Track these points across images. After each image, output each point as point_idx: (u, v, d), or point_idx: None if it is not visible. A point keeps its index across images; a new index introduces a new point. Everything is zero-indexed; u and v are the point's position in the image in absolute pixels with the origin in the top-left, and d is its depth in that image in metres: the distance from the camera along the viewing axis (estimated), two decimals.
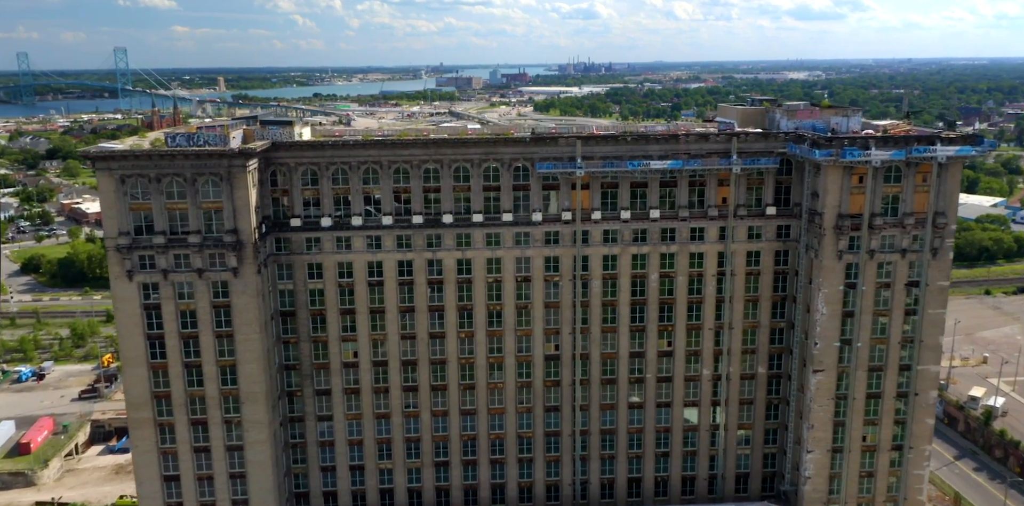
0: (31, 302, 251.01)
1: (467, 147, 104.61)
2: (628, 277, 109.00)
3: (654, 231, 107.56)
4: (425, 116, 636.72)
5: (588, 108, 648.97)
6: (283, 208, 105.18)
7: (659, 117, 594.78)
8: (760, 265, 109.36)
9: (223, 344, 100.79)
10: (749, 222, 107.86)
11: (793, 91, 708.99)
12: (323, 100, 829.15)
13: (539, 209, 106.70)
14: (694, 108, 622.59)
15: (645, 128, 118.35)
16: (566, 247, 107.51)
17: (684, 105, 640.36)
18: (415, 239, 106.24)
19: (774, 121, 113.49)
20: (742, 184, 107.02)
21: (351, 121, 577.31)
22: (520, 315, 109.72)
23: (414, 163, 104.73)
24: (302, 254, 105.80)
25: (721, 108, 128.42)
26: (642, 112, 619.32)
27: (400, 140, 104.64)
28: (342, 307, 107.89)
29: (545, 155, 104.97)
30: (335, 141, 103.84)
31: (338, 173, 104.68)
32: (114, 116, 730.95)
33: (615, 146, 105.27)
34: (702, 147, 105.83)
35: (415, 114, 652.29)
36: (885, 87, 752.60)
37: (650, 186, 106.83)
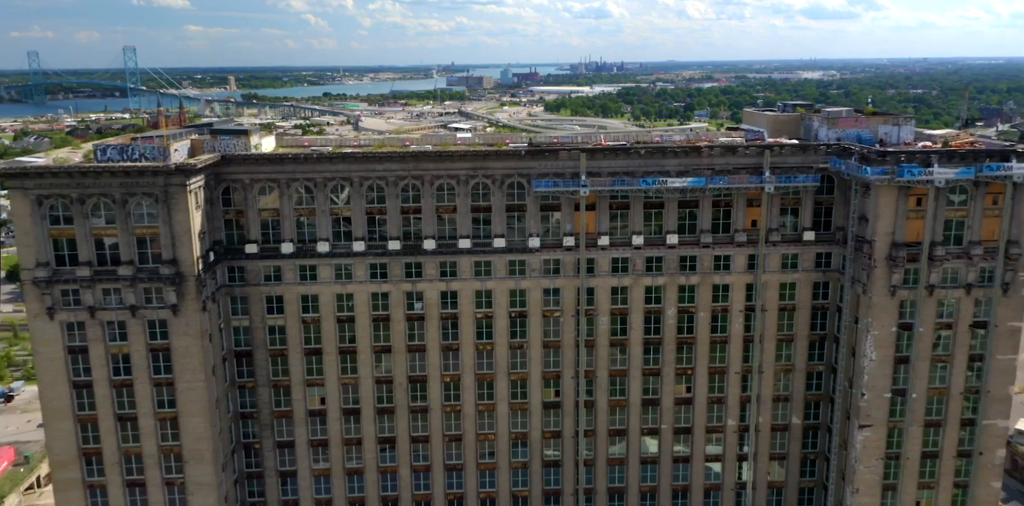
0: (11, 313, 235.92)
1: (452, 161, 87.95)
2: (641, 313, 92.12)
3: (671, 259, 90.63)
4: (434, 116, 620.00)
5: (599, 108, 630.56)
6: (237, 232, 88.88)
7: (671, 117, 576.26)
8: (796, 299, 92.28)
9: (163, 393, 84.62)
10: (783, 249, 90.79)
11: (808, 91, 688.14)
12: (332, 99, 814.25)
13: (537, 233, 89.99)
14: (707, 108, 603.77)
15: (660, 137, 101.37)
16: (568, 278, 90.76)
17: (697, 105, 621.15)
18: (391, 268, 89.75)
19: (811, 130, 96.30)
20: (775, 205, 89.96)
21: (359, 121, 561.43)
22: (514, 356, 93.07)
23: (390, 180, 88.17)
24: (259, 285, 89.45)
25: (747, 114, 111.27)
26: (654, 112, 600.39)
27: (373, 153, 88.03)
28: (307, 346, 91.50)
29: (543, 170, 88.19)
30: (296, 154, 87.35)
31: (302, 191, 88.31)
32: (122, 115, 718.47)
33: (626, 160, 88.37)
34: (728, 161, 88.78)
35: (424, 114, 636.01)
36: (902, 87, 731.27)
37: (667, 207, 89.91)
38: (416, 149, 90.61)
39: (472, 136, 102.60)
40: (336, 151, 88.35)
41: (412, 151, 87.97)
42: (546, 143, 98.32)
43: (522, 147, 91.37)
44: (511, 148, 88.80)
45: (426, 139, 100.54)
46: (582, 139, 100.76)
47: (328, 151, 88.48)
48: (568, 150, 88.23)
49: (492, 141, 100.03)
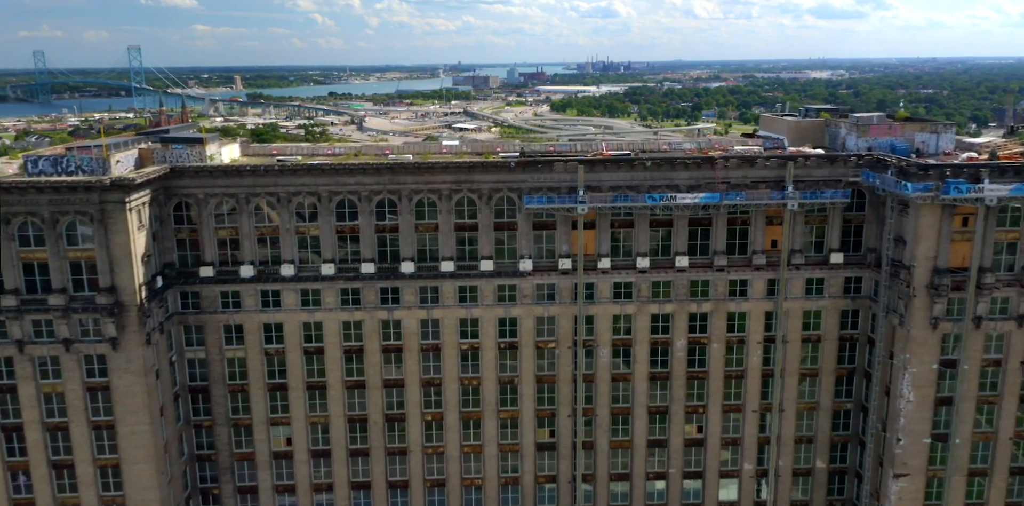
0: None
1: (433, 174, 77.11)
2: (646, 344, 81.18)
3: (681, 284, 79.64)
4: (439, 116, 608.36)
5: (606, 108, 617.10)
6: (192, 253, 78.28)
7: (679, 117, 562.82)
8: (821, 329, 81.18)
9: (103, 437, 74.12)
10: (807, 273, 79.72)
11: (817, 90, 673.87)
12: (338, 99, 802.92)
13: (528, 255, 79.12)
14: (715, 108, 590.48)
15: (669, 145, 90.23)
16: (564, 305, 79.87)
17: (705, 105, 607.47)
18: (365, 293, 79.03)
19: (837, 138, 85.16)
20: (799, 223, 78.86)
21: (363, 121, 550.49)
22: (504, 392, 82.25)
23: (363, 194, 77.39)
24: (216, 313, 78.82)
25: (765, 119, 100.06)
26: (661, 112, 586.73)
27: (343, 165, 77.16)
28: (270, 381, 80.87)
29: (536, 184, 77.29)
30: (255, 166, 76.53)
31: (264, 207, 77.65)
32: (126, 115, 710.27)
33: (629, 172, 77.37)
34: (746, 174, 77.70)
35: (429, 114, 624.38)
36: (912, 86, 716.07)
37: (676, 225, 78.93)
38: (393, 160, 79.71)
39: (460, 144, 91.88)
40: (301, 163, 77.52)
41: (387, 163, 77.11)
42: (541, 151, 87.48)
43: (512, 158, 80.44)
44: (499, 160, 77.90)
45: (407, 147, 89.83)
46: (581, 147, 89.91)
47: (292, 162, 77.66)
48: (564, 161, 77.27)
49: (481, 149, 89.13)
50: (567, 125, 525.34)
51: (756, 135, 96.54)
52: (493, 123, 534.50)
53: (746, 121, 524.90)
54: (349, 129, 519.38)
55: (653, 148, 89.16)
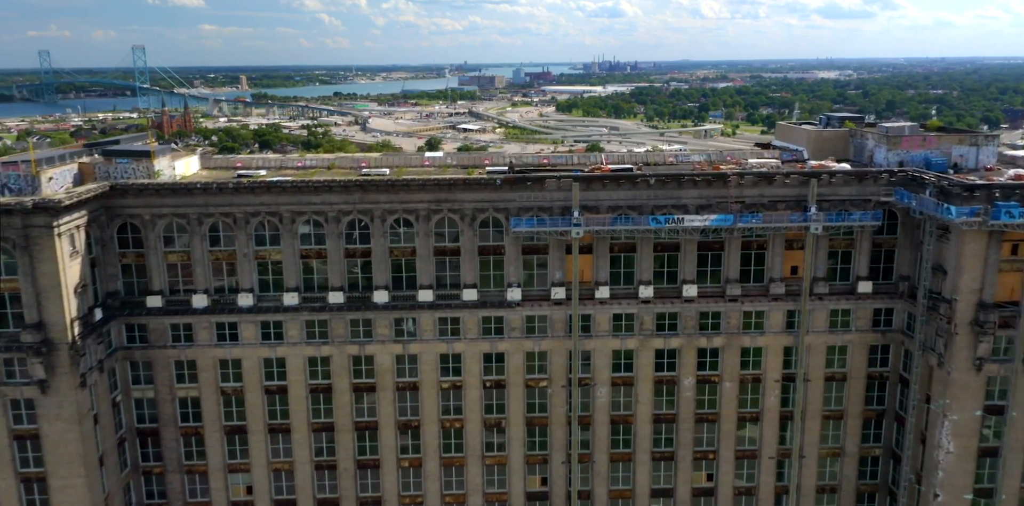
0: None
1: (409, 192, 67.78)
2: (650, 382, 71.75)
3: (689, 316, 70.17)
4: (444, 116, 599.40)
5: (612, 108, 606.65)
6: (138, 280, 69.16)
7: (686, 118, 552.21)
8: (847, 366, 71.63)
9: (32, 491, 65.05)
10: (832, 303, 70.17)
11: (825, 91, 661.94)
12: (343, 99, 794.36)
13: (517, 283, 69.78)
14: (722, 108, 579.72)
15: (676, 158, 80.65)
16: (558, 339, 70.48)
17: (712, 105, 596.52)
18: (333, 326, 69.79)
19: (864, 150, 75.56)
20: (822, 248, 69.31)
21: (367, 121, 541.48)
22: (490, 436, 72.93)
23: (330, 215, 68.13)
24: (166, 348, 69.68)
25: (782, 128, 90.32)
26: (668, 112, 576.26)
27: (306, 182, 67.80)
28: (227, 423, 71.69)
29: (526, 203, 67.92)
30: (206, 184, 67.26)
31: (219, 229, 68.45)
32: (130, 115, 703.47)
33: (631, 190, 67.93)
34: (763, 193, 68.18)
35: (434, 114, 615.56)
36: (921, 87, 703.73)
37: (684, 250, 69.47)
38: (364, 175, 70.34)
39: (443, 156, 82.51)
40: (260, 179, 68.09)
41: (357, 180, 67.70)
42: (533, 164, 78.03)
43: (499, 171, 71.03)
44: (483, 176, 68.41)
45: (385, 160, 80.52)
46: (578, 159, 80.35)
47: (252, 178, 68.26)
48: (556, 178, 67.80)
49: (467, 162, 79.68)
50: (572, 126, 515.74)
51: (772, 146, 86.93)
52: (498, 124, 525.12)
53: (754, 122, 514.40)
54: (353, 130, 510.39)
55: (658, 161, 79.63)
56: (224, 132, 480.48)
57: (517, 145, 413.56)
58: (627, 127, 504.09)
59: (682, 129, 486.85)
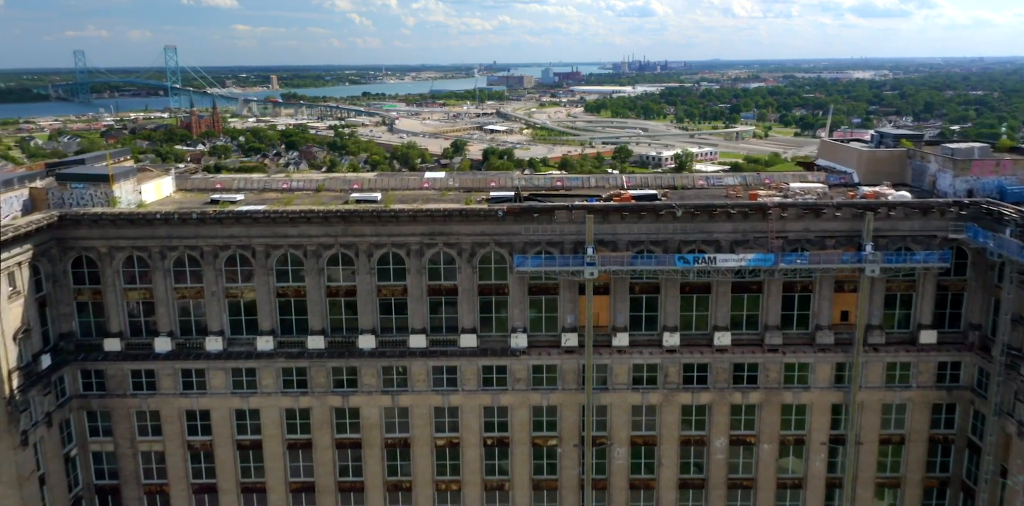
0: None
1: (397, 224, 58.69)
2: (675, 443, 62.05)
3: (721, 367, 60.35)
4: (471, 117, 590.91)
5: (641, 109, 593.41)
6: (95, 320, 60.85)
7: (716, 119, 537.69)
8: (906, 428, 61.39)
9: None
10: (889, 355, 59.99)
11: (860, 91, 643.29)
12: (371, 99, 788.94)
13: (523, 327, 60.44)
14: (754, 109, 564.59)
15: (706, 181, 70.70)
16: (569, 392, 61.04)
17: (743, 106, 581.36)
18: (313, 375, 60.95)
19: (924, 174, 65.23)
20: (878, 291, 59.16)
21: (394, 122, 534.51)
22: (492, 500, 63.62)
23: (310, 249, 59.24)
24: (126, 396, 61.28)
25: (826, 145, 79.84)
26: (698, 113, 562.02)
27: (282, 213, 58.86)
28: (196, 481, 63.14)
29: (532, 237, 58.54)
30: (168, 214, 58.58)
31: (184, 264, 59.89)
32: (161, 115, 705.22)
33: (654, 223, 58.26)
34: (808, 227, 58.17)
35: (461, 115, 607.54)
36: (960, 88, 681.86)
37: (716, 291, 59.68)
38: (345, 208, 61.14)
39: (445, 177, 73.26)
40: (226, 210, 59.19)
41: (338, 210, 58.61)
42: (545, 186, 68.81)
43: (503, 199, 61.66)
44: (483, 207, 58.96)
45: (380, 181, 71.55)
46: (596, 182, 70.82)
47: (216, 209, 59.34)
48: (568, 209, 58.28)
49: (471, 184, 70.40)
50: (601, 127, 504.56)
51: (815, 165, 76.78)
52: (525, 125, 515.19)
53: (787, 123, 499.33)
54: (379, 130, 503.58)
55: (687, 184, 69.84)
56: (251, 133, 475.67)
57: (544, 146, 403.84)
58: (656, 128, 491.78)
59: (713, 130, 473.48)
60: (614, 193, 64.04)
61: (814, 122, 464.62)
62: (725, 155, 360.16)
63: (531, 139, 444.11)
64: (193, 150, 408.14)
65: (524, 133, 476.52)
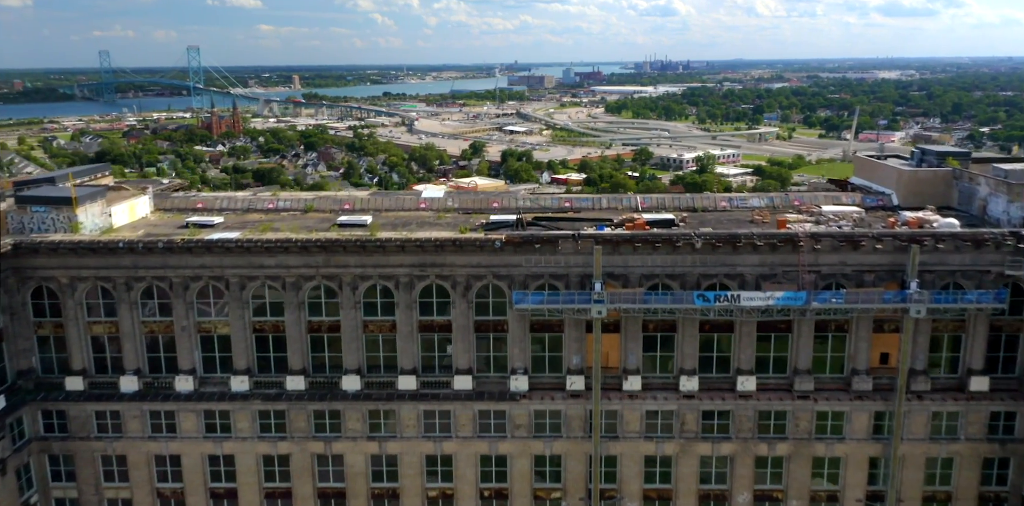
0: None
1: (384, 255, 52.68)
2: (693, 497, 55.58)
3: (745, 415, 53.85)
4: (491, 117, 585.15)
5: (662, 110, 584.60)
6: (57, 356, 55.42)
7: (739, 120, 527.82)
8: (952, 484, 54.58)
9: None
10: (935, 404, 53.22)
11: (886, 92, 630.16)
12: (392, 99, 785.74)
13: (523, 369, 54.28)
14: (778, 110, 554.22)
15: (729, 203, 64.01)
16: (575, 440, 54.78)
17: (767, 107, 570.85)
18: (293, 418, 55.12)
19: (973, 198, 58.28)
20: (923, 331, 52.39)
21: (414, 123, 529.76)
22: None
23: (288, 281, 53.42)
24: (90, 439, 55.82)
25: (861, 162, 72.72)
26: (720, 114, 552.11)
27: (257, 242, 52.93)
28: None
29: (534, 269, 52.36)
30: (132, 243, 52.87)
31: (152, 296, 54.29)
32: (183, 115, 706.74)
33: (670, 255, 51.85)
34: (844, 260, 51.53)
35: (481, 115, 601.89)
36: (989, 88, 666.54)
37: (739, 331, 53.17)
38: (332, 230, 55.21)
39: (444, 196, 67.19)
40: (194, 238, 53.32)
41: (318, 240, 52.65)
42: (552, 207, 62.57)
43: (503, 224, 55.43)
44: (478, 237, 52.69)
45: (374, 201, 65.69)
46: (607, 203, 64.30)
47: (183, 238, 53.54)
48: (574, 238, 51.98)
49: (471, 205, 64.23)
50: (622, 128, 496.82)
51: (849, 184, 69.90)
52: (545, 125, 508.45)
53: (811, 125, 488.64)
54: (399, 131, 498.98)
55: (707, 205, 63.20)
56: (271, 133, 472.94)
57: (564, 148, 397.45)
58: (678, 129, 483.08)
59: (735, 132, 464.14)
60: (627, 218, 57.56)
61: (839, 123, 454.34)
62: (748, 157, 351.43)
63: (551, 140, 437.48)
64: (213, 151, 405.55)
65: (544, 134, 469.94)
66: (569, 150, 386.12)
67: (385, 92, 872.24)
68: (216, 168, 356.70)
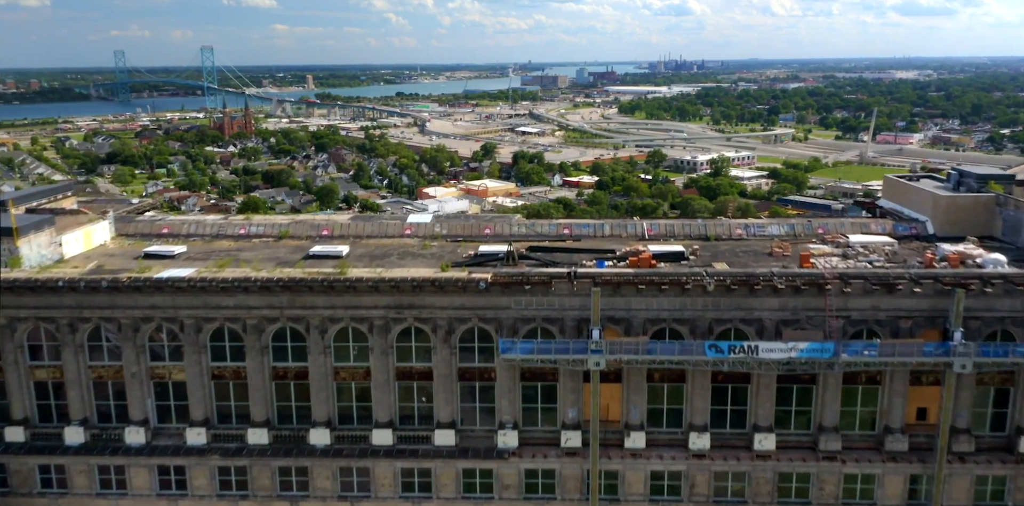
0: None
1: (356, 295, 46.57)
2: None
3: (762, 478, 47.40)
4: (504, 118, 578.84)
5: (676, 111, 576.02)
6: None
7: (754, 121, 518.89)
8: None
9: None
10: (979, 467, 46.62)
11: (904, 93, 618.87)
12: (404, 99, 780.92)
13: (513, 422, 48.08)
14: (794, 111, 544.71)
15: (745, 231, 57.50)
16: (570, 503, 48.53)
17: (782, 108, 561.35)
18: (255, 475, 49.13)
19: (1020, 227, 51.59)
20: (967, 385, 45.78)
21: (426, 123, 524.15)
22: None
23: (250, 323, 47.42)
24: (32, 496, 50.11)
25: (892, 185, 65.76)
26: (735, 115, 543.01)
27: (214, 281, 46.90)
28: None
29: (525, 312, 46.12)
30: (74, 281, 46.96)
31: (99, 338, 48.47)
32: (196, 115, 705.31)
33: (679, 297, 45.46)
34: (877, 305, 44.98)
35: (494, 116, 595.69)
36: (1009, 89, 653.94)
37: (756, 383, 46.73)
38: (298, 267, 49.11)
39: (431, 222, 60.90)
40: (142, 276, 47.27)
41: (281, 279, 46.58)
42: (550, 234, 56.35)
43: (493, 257, 49.24)
44: (461, 276, 46.39)
45: (354, 227, 59.67)
46: (610, 230, 57.93)
47: (130, 276, 47.46)
48: (570, 278, 45.70)
49: (462, 231, 58.03)
50: (635, 129, 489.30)
51: (877, 206, 63.26)
52: (557, 126, 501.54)
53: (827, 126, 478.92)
54: (411, 132, 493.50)
55: (721, 233, 56.78)
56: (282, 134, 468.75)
57: (576, 149, 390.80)
58: (692, 130, 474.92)
59: (750, 133, 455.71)
60: (631, 251, 51.22)
61: (856, 125, 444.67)
62: (763, 159, 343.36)
63: (563, 141, 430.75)
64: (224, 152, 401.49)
65: (556, 135, 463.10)
66: (582, 152, 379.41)
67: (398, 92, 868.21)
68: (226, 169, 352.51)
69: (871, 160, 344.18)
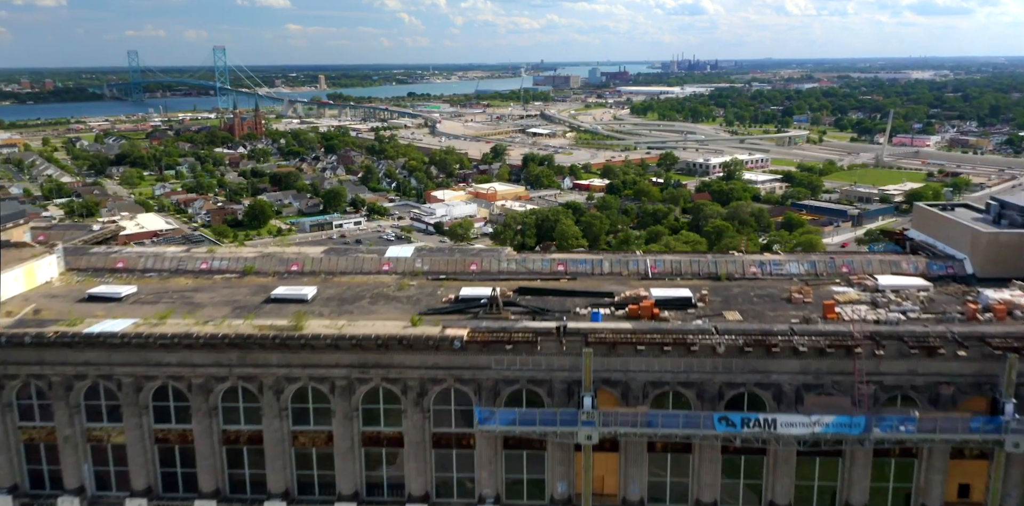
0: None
1: (314, 353, 40.57)
2: None
3: None
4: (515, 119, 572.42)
5: (689, 111, 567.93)
6: None
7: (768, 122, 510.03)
8: None
9: None
10: None
11: (920, 93, 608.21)
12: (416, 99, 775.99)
13: (494, 496, 41.95)
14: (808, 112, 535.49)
15: (761, 269, 50.99)
16: None
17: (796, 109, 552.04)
18: None
19: None
20: (1018, 463, 39.31)
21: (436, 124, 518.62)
22: None
23: (196, 382, 41.51)
24: None
25: (923, 214, 59.01)
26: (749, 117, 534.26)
27: (153, 337, 41.00)
28: None
29: (507, 372, 40.00)
30: None
31: (29, 397, 42.75)
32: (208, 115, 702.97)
33: (684, 357, 39.20)
34: (914, 369, 38.56)
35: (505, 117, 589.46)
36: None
37: (773, 456, 40.42)
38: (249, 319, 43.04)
39: (411, 257, 54.69)
40: (69, 331, 41.41)
41: (227, 336, 40.49)
42: (543, 271, 50.27)
43: (474, 302, 43.13)
44: (432, 334, 40.23)
45: (327, 262, 53.65)
46: (611, 267, 51.67)
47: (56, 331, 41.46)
48: (558, 338, 39.51)
49: (444, 268, 51.94)
50: (647, 130, 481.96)
51: (906, 238, 56.71)
52: (569, 127, 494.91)
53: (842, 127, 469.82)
54: (421, 133, 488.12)
55: (733, 272, 50.44)
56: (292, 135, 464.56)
57: (587, 151, 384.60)
58: (705, 132, 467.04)
59: (764, 135, 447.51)
60: (631, 296, 44.99)
61: (872, 126, 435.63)
62: (777, 162, 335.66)
63: (574, 143, 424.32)
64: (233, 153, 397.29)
65: (567, 137, 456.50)
66: (592, 154, 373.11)
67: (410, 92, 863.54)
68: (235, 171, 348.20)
69: (887, 163, 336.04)
